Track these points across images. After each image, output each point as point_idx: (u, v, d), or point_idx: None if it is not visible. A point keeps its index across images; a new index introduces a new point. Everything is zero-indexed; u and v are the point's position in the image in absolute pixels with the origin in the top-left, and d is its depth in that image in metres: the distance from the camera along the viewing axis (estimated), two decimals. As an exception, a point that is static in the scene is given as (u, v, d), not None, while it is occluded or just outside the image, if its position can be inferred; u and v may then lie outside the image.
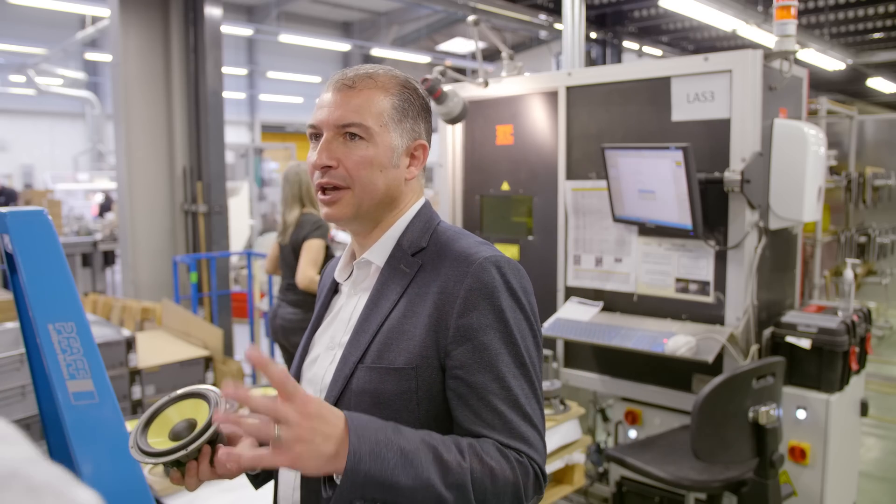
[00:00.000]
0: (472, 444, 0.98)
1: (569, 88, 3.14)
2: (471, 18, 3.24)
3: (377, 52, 14.46)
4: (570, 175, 3.18)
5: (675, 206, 2.68)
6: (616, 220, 2.94)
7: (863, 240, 5.39)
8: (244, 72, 18.59)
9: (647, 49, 10.84)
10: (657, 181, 2.70)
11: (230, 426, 0.87)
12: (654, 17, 9.68)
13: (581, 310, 3.10)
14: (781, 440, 2.39)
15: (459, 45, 15.82)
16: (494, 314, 1.04)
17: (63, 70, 13.96)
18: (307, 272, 3.44)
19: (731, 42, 11.25)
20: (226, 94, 6.02)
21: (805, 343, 2.70)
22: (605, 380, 3.15)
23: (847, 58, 10.26)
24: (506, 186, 3.43)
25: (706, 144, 2.73)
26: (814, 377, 2.70)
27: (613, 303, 3.08)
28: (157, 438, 1.07)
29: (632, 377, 3.06)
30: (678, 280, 2.89)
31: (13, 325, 3.24)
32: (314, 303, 1.33)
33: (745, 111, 2.62)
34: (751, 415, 2.32)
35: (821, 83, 14.49)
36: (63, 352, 1.40)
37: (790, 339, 2.74)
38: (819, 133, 2.80)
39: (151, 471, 1.98)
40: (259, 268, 6.34)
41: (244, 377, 4.15)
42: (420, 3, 9.00)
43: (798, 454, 2.68)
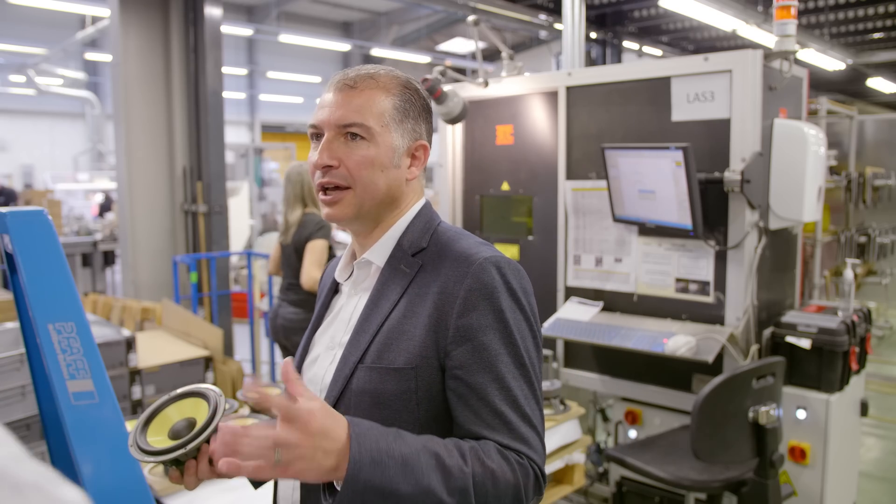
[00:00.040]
0: (475, 448, 0.98)
1: (569, 88, 3.14)
2: (471, 18, 3.24)
3: (377, 52, 14.46)
4: (570, 175, 3.18)
5: (675, 206, 2.68)
6: (616, 220, 2.94)
7: (863, 240, 5.39)
8: (244, 72, 18.60)
9: (647, 49, 10.84)
10: (657, 181, 2.70)
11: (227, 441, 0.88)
12: (654, 17, 9.68)
13: (581, 310, 3.10)
14: (781, 440, 2.39)
15: (459, 45, 15.82)
16: (494, 314, 1.05)
17: (63, 70, 13.97)
18: (311, 273, 3.44)
19: (731, 42, 11.25)
20: (226, 94, 6.02)
21: (805, 343, 2.70)
22: (605, 380, 3.15)
23: (847, 58, 10.26)
24: (506, 186, 3.43)
25: (706, 144, 2.73)
26: (814, 377, 2.70)
27: (613, 303, 3.08)
28: (157, 437, 1.07)
29: (632, 377, 3.06)
30: (678, 280, 2.89)
31: (13, 325, 3.24)
32: (315, 303, 1.33)
33: (745, 111, 2.62)
34: (751, 415, 2.32)
35: (821, 83, 14.49)
36: (63, 352, 1.40)
37: (790, 339, 2.74)
38: (819, 133, 2.79)
39: (151, 470, 1.98)
40: (259, 268, 6.34)
41: (244, 377, 4.15)
42: (420, 3, 9.00)
43: (798, 454, 2.68)
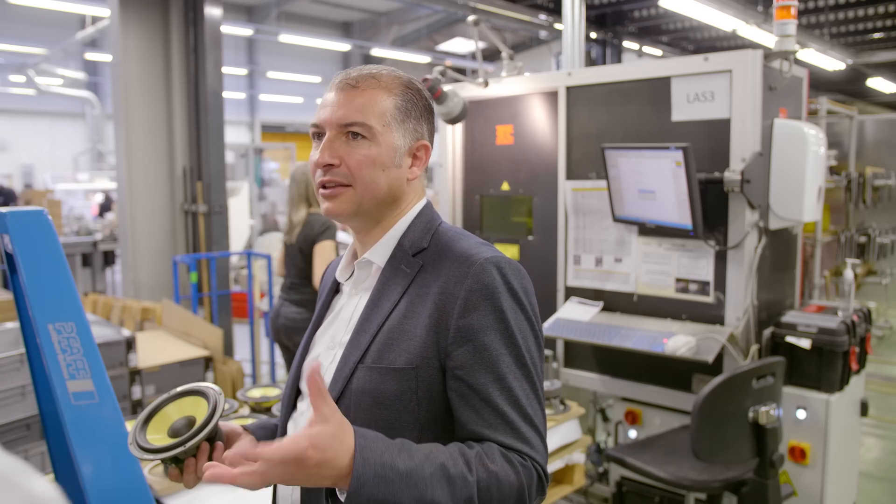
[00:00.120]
0: (479, 453, 0.99)
1: (569, 88, 3.14)
2: (471, 18, 3.24)
3: (377, 52, 14.46)
4: (570, 175, 3.18)
5: (675, 206, 2.68)
6: (616, 220, 2.94)
7: (863, 240, 5.39)
8: (244, 72, 18.60)
9: (647, 49, 10.84)
10: (657, 181, 2.70)
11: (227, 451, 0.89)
12: (654, 17, 9.68)
13: (581, 310, 3.10)
14: (781, 440, 2.39)
15: (459, 45, 15.82)
16: (495, 315, 1.05)
17: (63, 70, 13.97)
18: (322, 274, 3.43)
19: (731, 42, 11.25)
20: (226, 94, 6.02)
21: (805, 343, 2.70)
22: (605, 380, 3.15)
23: (847, 58, 10.26)
24: (506, 186, 3.43)
25: (706, 144, 2.73)
26: (814, 377, 2.70)
27: (613, 303, 3.08)
28: (157, 435, 1.07)
29: (632, 377, 3.06)
30: (678, 280, 2.89)
31: (13, 325, 3.24)
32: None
33: (745, 111, 2.62)
34: (751, 415, 2.32)
35: (821, 83, 14.49)
36: (63, 352, 1.41)
37: (790, 339, 2.74)
38: (819, 133, 2.79)
39: (151, 470, 1.98)
40: (259, 268, 6.33)
41: (244, 377, 4.15)
42: (420, 3, 9.00)
43: (798, 454, 2.68)
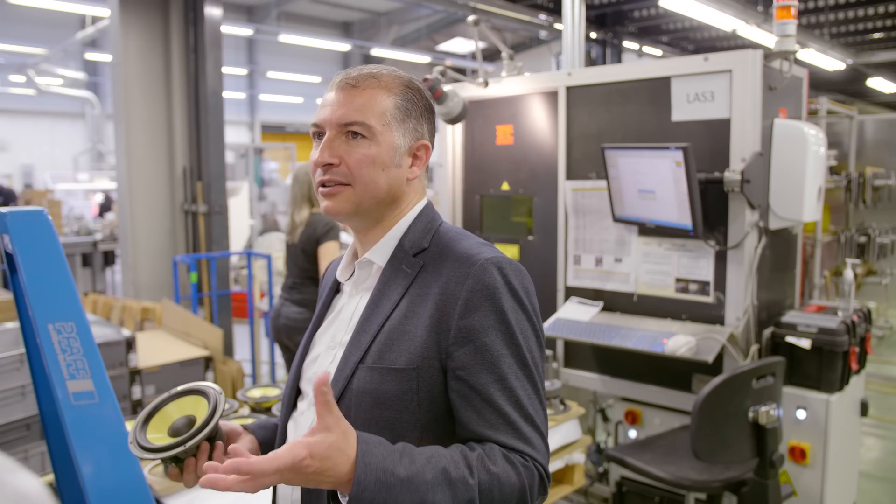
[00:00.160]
0: (481, 456, 0.99)
1: (569, 88, 3.14)
2: (471, 18, 3.24)
3: (377, 52, 14.46)
4: (570, 175, 3.18)
5: (675, 206, 2.68)
6: (616, 220, 2.94)
7: (863, 240, 5.39)
8: (244, 72, 18.60)
9: (647, 49, 10.84)
10: (657, 181, 2.70)
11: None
12: (654, 17, 9.68)
13: (581, 310, 3.10)
14: (781, 440, 2.38)
15: (459, 45, 15.82)
16: (496, 315, 1.05)
17: (63, 70, 13.97)
18: None
19: (731, 42, 11.25)
20: (226, 94, 6.02)
21: (805, 343, 2.70)
22: (605, 380, 3.15)
23: (847, 58, 10.26)
24: (506, 186, 3.43)
25: (706, 144, 2.73)
26: (814, 377, 2.70)
27: (613, 303, 3.08)
28: (157, 434, 1.07)
29: (632, 377, 3.06)
30: (678, 280, 2.89)
31: (13, 325, 3.24)
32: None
33: (745, 111, 2.62)
34: (751, 415, 2.32)
35: (821, 83, 14.49)
36: (63, 352, 1.41)
37: (790, 339, 2.74)
38: (819, 133, 2.79)
39: (151, 469, 1.98)
40: (259, 268, 6.33)
41: (244, 377, 4.15)
42: (420, 3, 9.00)
43: (798, 454, 2.68)
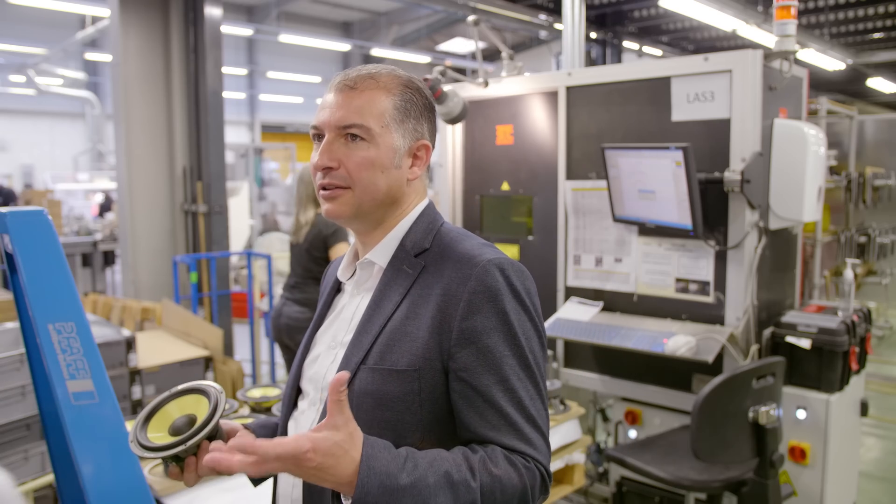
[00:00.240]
0: (483, 458, 0.99)
1: (569, 88, 3.14)
2: (471, 18, 3.24)
3: (377, 52, 14.45)
4: (570, 175, 3.18)
5: (675, 206, 2.68)
6: (616, 220, 2.94)
7: (863, 240, 5.39)
8: (244, 72, 18.60)
9: (647, 49, 10.84)
10: (657, 181, 2.70)
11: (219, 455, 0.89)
12: (654, 17, 9.68)
13: (581, 310, 3.10)
14: (781, 440, 2.38)
15: (459, 45, 15.82)
16: (498, 317, 1.05)
17: (63, 70, 13.97)
18: None
19: (731, 42, 11.25)
20: (226, 94, 6.02)
21: (805, 343, 2.70)
22: (605, 380, 3.15)
23: (847, 58, 10.26)
24: (506, 186, 3.43)
25: (706, 144, 2.73)
26: (814, 377, 2.70)
27: (613, 303, 3.08)
28: (157, 433, 1.07)
29: (632, 377, 3.06)
30: (678, 280, 2.89)
31: (13, 325, 3.24)
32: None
33: (745, 111, 2.62)
34: (751, 415, 2.32)
35: (821, 83, 14.49)
36: (63, 352, 1.41)
37: (790, 339, 2.74)
38: (819, 133, 2.79)
39: (151, 469, 1.98)
40: (259, 268, 6.33)
41: (244, 377, 4.15)
42: (420, 3, 9.00)
43: (798, 454, 2.68)
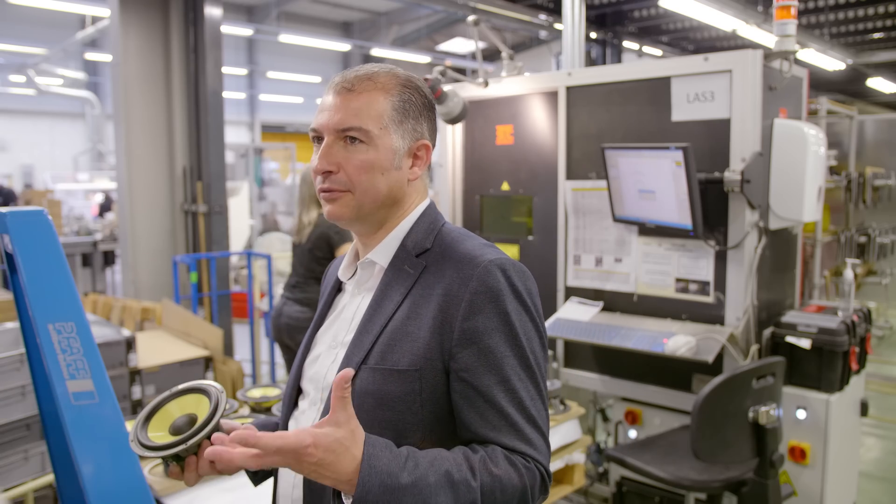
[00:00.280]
0: (483, 458, 0.99)
1: (569, 88, 3.14)
2: (471, 18, 3.24)
3: (377, 52, 14.45)
4: (570, 175, 3.18)
5: (675, 206, 2.68)
6: (616, 220, 2.94)
7: (863, 240, 5.39)
8: (244, 72, 18.60)
9: (647, 49, 10.84)
10: (657, 181, 2.70)
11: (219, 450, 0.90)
12: (654, 17, 9.68)
13: (581, 310, 3.10)
14: (781, 440, 2.39)
15: (459, 45, 15.82)
16: (499, 318, 1.05)
17: (63, 70, 13.97)
18: None
19: (731, 42, 11.25)
20: (226, 94, 6.02)
21: (805, 343, 2.70)
22: (605, 380, 3.15)
23: (847, 58, 10.26)
24: (506, 186, 3.43)
25: (706, 144, 2.73)
26: (814, 377, 2.70)
27: (613, 303, 3.08)
28: (158, 433, 1.07)
29: (632, 377, 3.06)
30: (678, 280, 2.89)
31: (13, 325, 3.24)
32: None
33: (745, 111, 2.62)
34: (751, 415, 2.32)
35: (821, 83, 14.49)
36: (63, 352, 1.41)
37: (790, 339, 2.74)
38: (819, 133, 2.79)
39: (151, 469, 1.98)
40: (259, 268, 6.33)
41: (244, 377, 4.15)
42: (420, 3, 9.00)
43: (798, 454, 2.68)
